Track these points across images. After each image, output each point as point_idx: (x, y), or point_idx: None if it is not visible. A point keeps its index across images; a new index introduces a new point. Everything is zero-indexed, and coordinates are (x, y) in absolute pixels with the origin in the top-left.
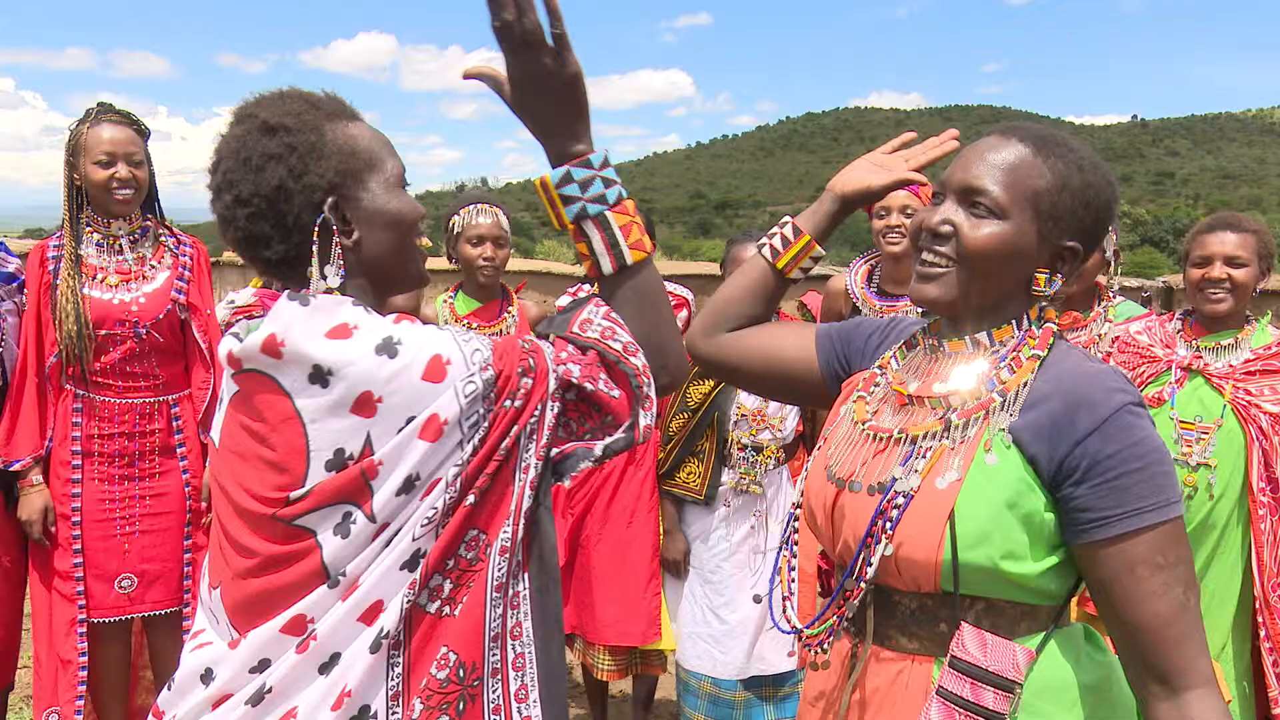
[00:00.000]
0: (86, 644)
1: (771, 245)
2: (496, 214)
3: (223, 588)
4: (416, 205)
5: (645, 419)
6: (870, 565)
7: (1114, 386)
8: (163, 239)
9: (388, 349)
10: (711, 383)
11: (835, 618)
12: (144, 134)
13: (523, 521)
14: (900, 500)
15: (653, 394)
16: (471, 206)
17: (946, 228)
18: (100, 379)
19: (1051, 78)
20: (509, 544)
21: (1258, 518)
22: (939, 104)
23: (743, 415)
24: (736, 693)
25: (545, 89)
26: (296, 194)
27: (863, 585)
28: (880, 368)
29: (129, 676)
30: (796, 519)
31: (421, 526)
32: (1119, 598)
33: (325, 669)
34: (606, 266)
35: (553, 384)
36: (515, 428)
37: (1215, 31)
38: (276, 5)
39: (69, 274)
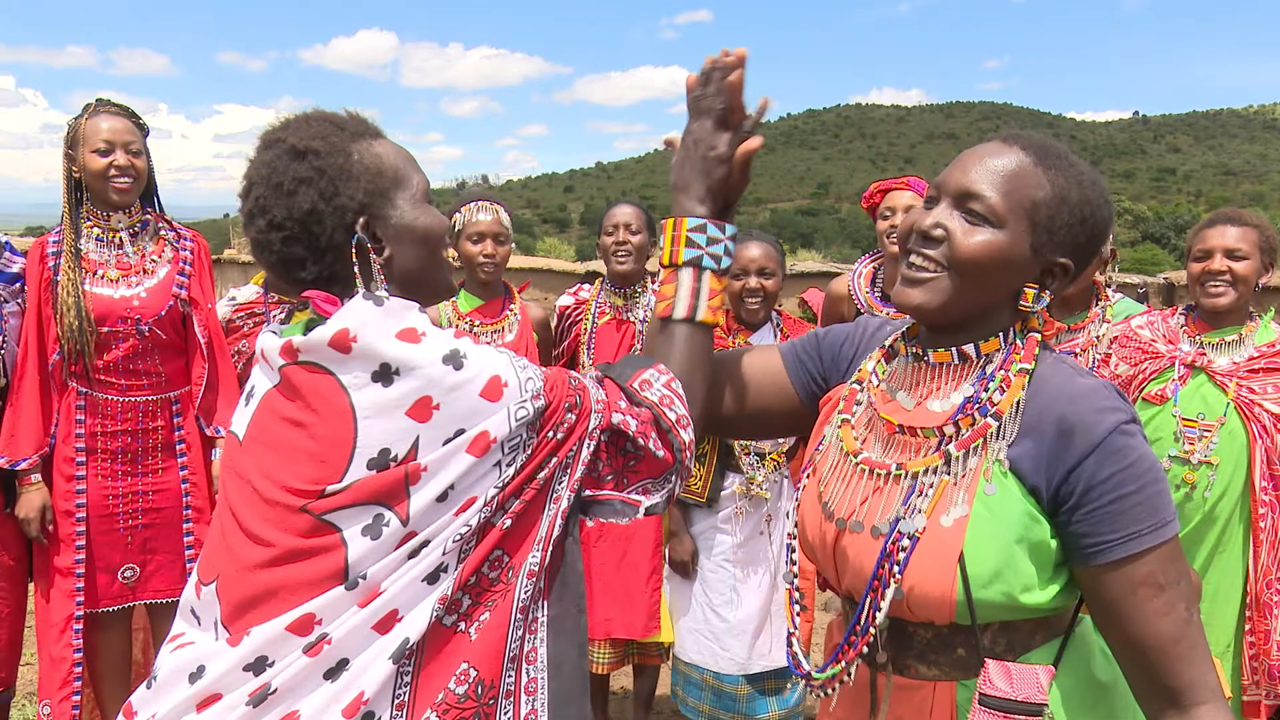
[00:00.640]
0: (81, 640)
1: (692, 305)
2: (497, 211)
3: (221, 581)
4: (442, 218)
5: (680, 487)
6: (879, 611)
7: (1105, 406)
8: (163, 233)
9: (454, 360)
10: None
11: (844, 664)
12: (142, 127)
13: (551, 549)
14: (906, 543)
15: (691, 466)
16: (472, 204)
17: (939, 231)
18: (103, 376)
19: (1053, 74)
20: (536, 568)
21: (1258, 516)
22: (940, 100)
23: None
24: (739, 686)
25: (694, 154)
26: (328, 216)
27: (871, 632)
28: (859, 382)
29: (130, 667)
30: (794, 550)
31: (452, 543)
32: (1122, 619)
33: (332, 674)
34: (681, 310)
35: (593, 423)
36: (554, 459)
37: (1217, 28)
38: (277, 2)
39: (69, 267)
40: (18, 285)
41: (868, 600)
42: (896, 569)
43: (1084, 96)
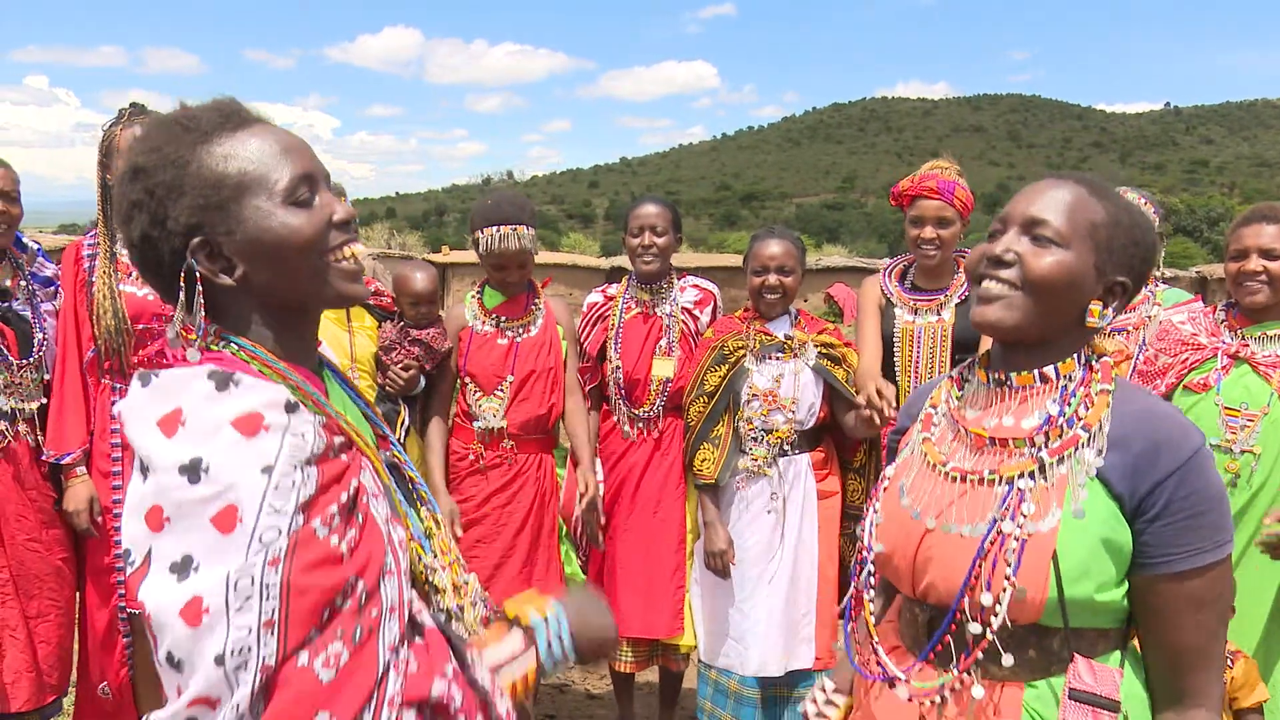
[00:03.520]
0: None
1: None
2: (520, 236)
3: None
4: (313, 219)
5: None
6: (997, 615)
7: (1190, 429)
8: None
9: (192, 471)
10: (727, 367)
11: (959, 671)
12: None
13: None
14: (1014, 544)
15: None
16: (495, 230)
17: (1010, 255)
18: None
19: (1081, 65)
20: None
21: None
22: (967, 93)
23: (754, 395)
24: (758, 691)
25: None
26: (161, 241)
27: (990, 637)
28: (933, 406)
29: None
30: (872, 564)
31: None
32: (1162, 624)
33: None
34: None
35: (390, 688)
36: None
37: (1250, 15)
38: (303, 0)
39: (105, 271)
40: (52, 288)
41: (964, 600)
42: (1009, 569)
43: (1114, 87)
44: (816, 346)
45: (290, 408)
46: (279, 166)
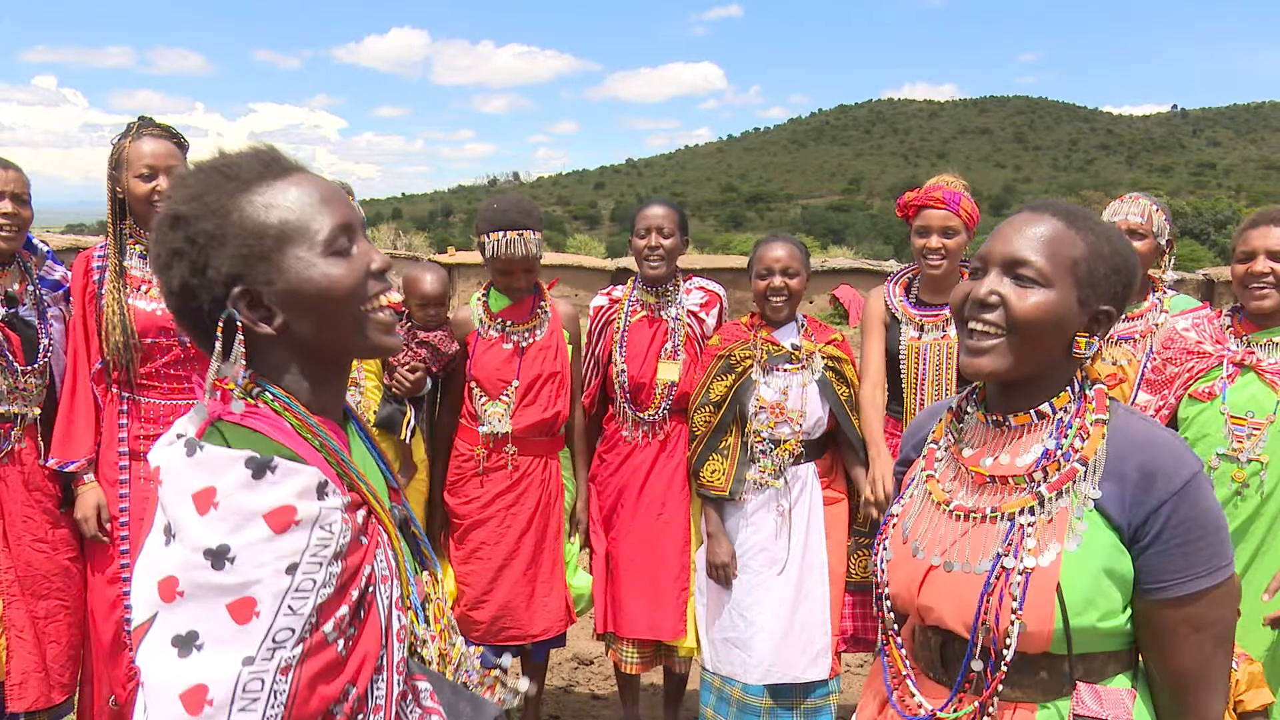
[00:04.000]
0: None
1: None
2: (526, 241)
3: None
4: (352, 269)
5: None
6: (1008, 649)
7: (1184, 456)
8: None
9: (217, 557)
10: (733, 377)
11: (978, 704)
12: (184, 146)
13: None
14: (1018, 578)
15: None
16: (501, 236)
17: (994, 298)
18: (145, 382)
19: (1088, 67)
20: None
21: None
22: (974, 95)
23: (761, 407)
24: (763, 699)
25: None
26: (201, 290)
27: (1004, 670)
28: (934, 442)
29: None
30: (888, 600)
31: None
32: (1161, 647)
33: None
34: None
35: None
36: None
37: (1258, 18)
38: (310, 1)
39: (113, 285)
40: (60, 292)
41: (978, 636)
42: (1015, 603)
43: (1121, 90)
44: (824, 358)
45: (321, 492)
46: (319, 216)
